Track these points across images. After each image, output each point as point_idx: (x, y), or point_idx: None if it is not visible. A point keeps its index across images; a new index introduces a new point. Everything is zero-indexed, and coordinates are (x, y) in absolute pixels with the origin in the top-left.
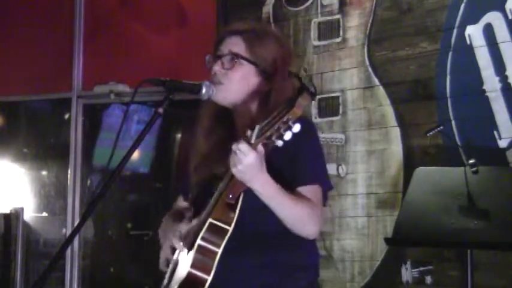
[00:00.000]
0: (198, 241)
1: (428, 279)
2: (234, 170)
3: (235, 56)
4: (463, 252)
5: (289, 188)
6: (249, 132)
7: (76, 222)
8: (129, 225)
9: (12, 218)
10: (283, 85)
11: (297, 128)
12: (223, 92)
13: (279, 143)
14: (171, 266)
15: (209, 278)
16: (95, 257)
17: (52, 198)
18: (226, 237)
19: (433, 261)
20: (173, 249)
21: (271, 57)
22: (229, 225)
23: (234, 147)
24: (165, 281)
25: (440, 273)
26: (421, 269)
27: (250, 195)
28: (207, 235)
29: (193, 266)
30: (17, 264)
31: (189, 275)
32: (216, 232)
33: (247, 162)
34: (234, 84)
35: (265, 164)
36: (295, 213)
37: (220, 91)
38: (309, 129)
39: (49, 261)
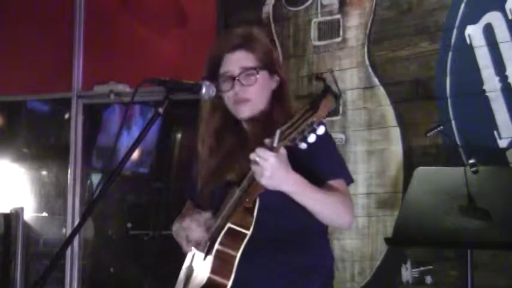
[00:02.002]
0: (217, 246)
1: (428, 279)
2: (261, 180)
3: (253, 71)
4: (463, 252)
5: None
6: (267, 140)
7: (76, 222)
8: (129, 225)
9: (12, 218)
10: (286, 78)
11: (321, 130)
12: (252, 108)
13: (303, 145)
14: (185, 272)
15: (229, 283)
16: (95, 257)
17: (52, 198)
18: (245, 241)
19: (433, 261)
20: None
21: (271, 55)
22: (248, 229)
23: (252, 156)
24: (180, 287)
25: (440, 273)
26: (421, 269)
27: (264, 197)
28: (226, 240)
29: (213, 271)
30: (17, 264)
31: (209, 281)
32: (235, 236)
33: (271, 167)
34: (260, 96)
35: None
36: (330, 206)
37: (248, 107)
38: None
39: (49, 261)
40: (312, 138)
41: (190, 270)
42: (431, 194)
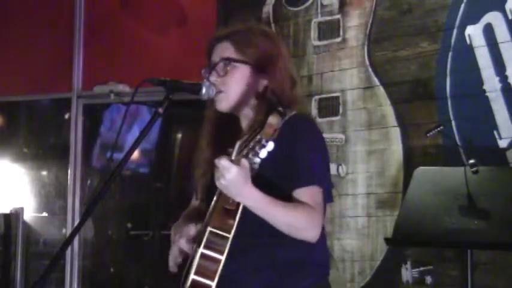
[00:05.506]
0: (201, 249)
1: (428, 279)
2: (218, 184)
3: (226, 61)
4: (463, 252)
5: (287, 193)
6: (230, 149)
7: (76, 222)
8: (129, 225)
9: (12, 218)
10: (280, 77)
11: (270, 146)
12: (225, 100)
13: (257, 160)
14: (188, 264)
15: (213, 285)
16: (95, 257)
17: (52, 198)
18: (228, 244)
19: (433, 261)
20: (183, 252)
21: (262, 53)
22: (229, 232)
23: (215, 161)
24: (182, 278)
25: (440, 273)
26: (421, 269)
27: None
28: (209, 243)
29: (197, 272)
30: (17, 265)
31: (193, 282)
32: (218, 239)
33: (229, 177)
34: (233, 88)
35: (258, 175)
36: (288, 222)
37: (222, 100)
38: (303, 127)
39: (49, 261)
40: (263, 153)
41: (191, 262)
42: (431, 194)
